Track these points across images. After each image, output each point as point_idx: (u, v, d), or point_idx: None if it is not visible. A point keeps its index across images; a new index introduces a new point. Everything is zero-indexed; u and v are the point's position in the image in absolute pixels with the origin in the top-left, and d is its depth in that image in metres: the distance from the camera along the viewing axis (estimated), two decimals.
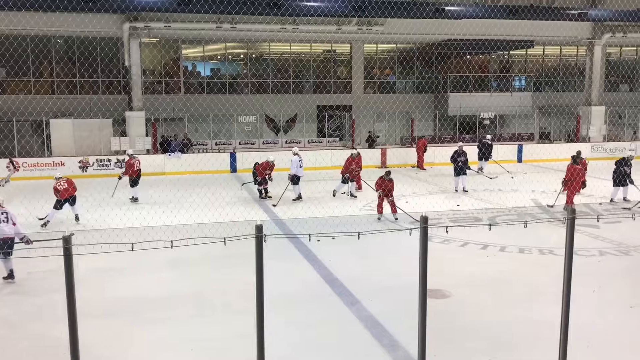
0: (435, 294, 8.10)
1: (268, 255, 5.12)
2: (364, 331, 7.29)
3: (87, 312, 6.40)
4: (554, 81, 31.89)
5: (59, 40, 24.84)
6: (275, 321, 6.47)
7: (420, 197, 16.67)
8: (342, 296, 8.51)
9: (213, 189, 16.76)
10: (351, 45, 28.30)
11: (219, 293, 8.74)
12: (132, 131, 22.74)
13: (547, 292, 8.33)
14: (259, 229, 4.90)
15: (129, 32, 22.23)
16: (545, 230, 11.59)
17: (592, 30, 27.41)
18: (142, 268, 9.60)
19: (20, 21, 20.05)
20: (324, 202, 15.73)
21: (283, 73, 28.21)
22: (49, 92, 24.86)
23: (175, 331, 7.35)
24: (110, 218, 12.79)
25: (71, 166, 21.06)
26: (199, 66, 27.86)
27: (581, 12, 25.55)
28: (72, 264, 4.68)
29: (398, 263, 9.82)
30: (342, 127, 28.57)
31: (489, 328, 7.39)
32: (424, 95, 29.38)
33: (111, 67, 25.65)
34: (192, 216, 13.33)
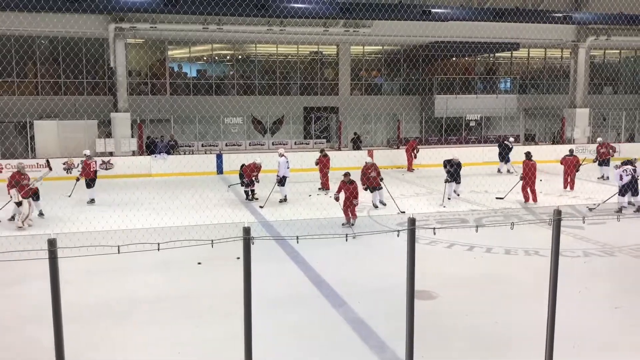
0: (422, 295, 8.13)
1: (256, 258, 5.11)
2: (352, 333, 7.30)
3: (73, 315, 6.35)
4: (539, 83, 32.18)
5: (44, 40, 24.62)
6: (263, 323, 6.45)
7: (408, 199, 16.72)
8: (330, 298, 8.51)
9: (200, 190, 16.68)
10: (338, 46, 28.35)
11: (207, 295, 8.70)
12: (117, 132, 22.59)
13: (533, 293, 8.38)
14: (246, 231, 4.89)
15: (114, 33, 22.08)
16: (531, 231, 11.67)
17: (577, 33, 27.70)
18: (129, 270, 9.53)
19: (4, 21, 19.86)
20: (311, 204, 15.72)
21: (270, 74, 28.19)
22: (34, 93, 24.65)
23: (162, 334, 7.30)
24: (97, 220, 12.67)
25: (56, 168, 20.79)
26: (185, 67, 27.75)
27: (566, 15, 25.81)
28: (57, 267, 4.64)
29: (386, 264, 9.84)
30: (329, 128, 28.60)
31: (476, 329, 7.43)
32: (410, 97, 29.52)
33: (97, 68, 25.46)
34: (179, 218, 13.26)
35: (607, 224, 13.07)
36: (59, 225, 12.81)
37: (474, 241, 11.20)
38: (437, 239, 11.41)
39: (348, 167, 22.78)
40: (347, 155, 24.05)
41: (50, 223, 12.90)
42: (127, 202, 15.66)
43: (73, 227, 12.12)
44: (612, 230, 12.47)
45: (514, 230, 9.31)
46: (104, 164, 21.33)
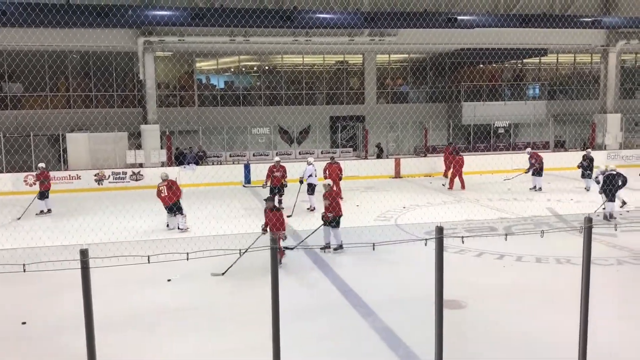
0: (451, 305, 8.05)
1: (283, 267, 5.14)
2: (380, 342, 7.25)
3: (104, 324, 6.45)
4: (568, 89, 31.70)
5: (75, 55, 25.20)
6: (290, 333, 6.46)
7: (435, 207, 16.60)
8: (358, 307, 8.48)
9: (228, 200, 16.83)
10: (363, 56, 28.39)
11: (235, 304, 8.75)
12: (147, 144, 22.95)
13: (565, 302, 8.23)
14: (273, 240, 4.92)
15: (143, 47, 22.51)
16: (562, 239, 11.47)
17: (606, 37, 27.26)
18: (158, 280, 9.64)
19: (38, 37, 20.40)
20: None
21: (296, 85, 28.35)
22: (66, 106, 25.20)
23: (191, 343, 7.36)
24: (127, 230, 12.88)
25: (87, 179, 21.29)
26: (212, 79, 28.09)
27: (595, 19, 25.41)
28: (89, 277, 4.73)
29: (413, 274, 9.77)
30: (356, 137, 28.60)
31: (506, 339, 7.32)
32: (437, 105, 29.36)
33: (126, 81, 25.95)
34: (208, 228, 13.38)
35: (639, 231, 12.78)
36: (90, 236, 13.03)
37: (503, 250, 11.06)
38: (466, 248, 11.29)
39: (373, 176, 22.84)
40: (372, 163, 24.05)
41: (82, 233, 13.14)
42: (157, 212, 15.87)
43: (104, 237, 12.33)
44: None
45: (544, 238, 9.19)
46: (134, 175, 21.68)
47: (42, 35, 20.65)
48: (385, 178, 23.02)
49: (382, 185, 21.08)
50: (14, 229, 13.99)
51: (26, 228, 13.10)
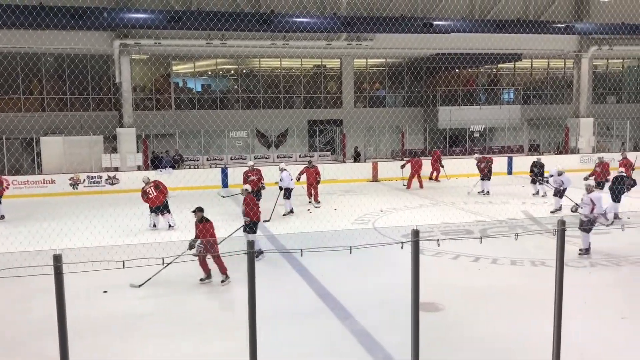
0: (428, 307, 8.10)
1: (260, 271, 5.12)
2: (358, 345, 7.27)
3: (78, 329, 6.35)
4: (542, 94, 32.24)
5: (49, 57, 24.85)
6: (267, 337, 6.44)
7: (412, 210, 16.71)
8: (335, 311, 8.49)
9: (204, 204, 16.69)
10: (341, 60, 28.50)
11: (211, 309, 8.70)
12: (122, 148, 22.70)
13: (539, 304, 8.34)
14: (250, 244, 4.91)
15: (119, 49, 22.28)
16: (537, 242, 11.63)
17: (579, 43, 27.78)
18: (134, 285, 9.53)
19: (10, 39, 20.06)
20: (315, 217, 15.72)
21: (273, 88, 28.33)
22: (39, 109, 24.83)
23: (167, 348, 7.29)
24: (102, 235, 12.71)
25: (62, 183, 20.97)
26: (189, 82, 27.94)
27: (568, 25, 25.89)
28: (62, 282, 4.67)
29: (390, 276, 9.81)
30: (333, 141, 28.67)
31: (482, 340, 7.39)
32: (413, 109, 29.61)
33: (102, 84, 25.66)
34: (184, 232, 13.27)
35: (611, 234, 13.01)
36: (64, 241, 12.82)
37: (479, 252, 11.17)
38: (442, 251, 11.38)
39: (351, 180, 22.89)
40: (350, 167, 24.14)
41: (55, 238, 12.93)
42: (132, 216, 15.71)
43: (78, 242, 12.15)
44: (618, 240, 12.41)
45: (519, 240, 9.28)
46: (110, 179, 21.43)
47: (14, 37, 20.31)
48: (362, 182, 23.10)
49: (359, 189, 21.16)
50: None
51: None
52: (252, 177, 16.07)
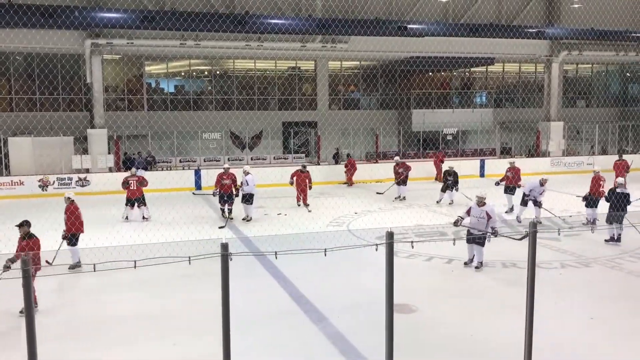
0: (402, 309, 8.13)
1: (234, 274, 5.07)
2: (332, 348, 7.26)
3: (48, 334, 6.22)
4: (514, 97, 32.72)
5: (18, 56, 24.35)
6: (242, 340, 6.39)
7: (386, 213, 16.78)
8: (309, 313, 8.47)
9: (177, 207, 16.54)
10: (316, 62, 28.50)
11: (184, 313, 8.59)
12: (94, 149, 22.34)
13: (511, 305, 8.44)
14: (224, 247, 4.85)
15: (90, 49, 21.93)
16: (509, 244, 11.76)
17: (550, 48, 28.26)
18: (105, 289, 9.38)
19: None
20: (289, 219, 15.68)
21: (248, 90, 28.20)
22: (7, 109, 24.30)
23: (139, 352, 7.18)
24: None
25: (31, 185, 20.53)
26: (162, 83, 27.63)
27: (539, 30, 26.34)
28: (31, 286, 4.56)
29: (365, 278, 9.83)
30: (308, 143, 28.65)
31: (455, 341, 7.44)
32: (388, 112, 29.77)
33: (72, 84, 25.22)
34: (156, 235, 13.10)
35: (581, 236, 13.25)
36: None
37: (452, 254, 11.26)
38: (416, 253, 11.44)
39: (325, 182, 22.90)
40: (325, 169, 24.16)
41: None
42: (103, 219, 15.47)
43: (48, 246, 11.90)
44: (587, 242, 12.64)
45: (491, 243, 9.39)
46: (80, 180, 21.06)
47: None
48: (338, 184, 23.14)
49: (334, 191, 21.17)
50: None
51: None
52: (226, 181, 15.67)
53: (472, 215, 10.56)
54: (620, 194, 12.71)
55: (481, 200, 10.52)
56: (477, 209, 10.49)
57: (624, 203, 12.67)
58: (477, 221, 10.46)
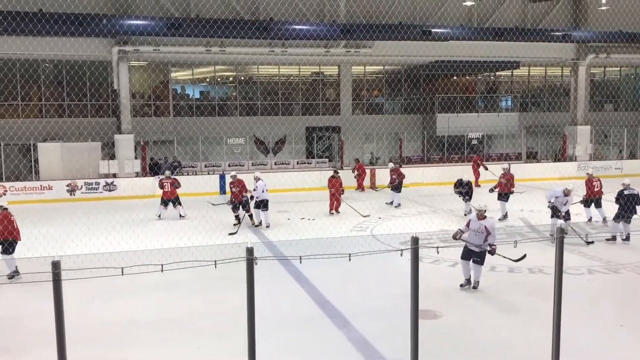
0: (426, 315, 8.10)
1: (259, 278, 5.12)
2: (356, 353, 7.26)
3: (76, 337, 6.34)
4: (539, 101, 32.34)
5: (48, 64, 24.85)
6: (266, 344, 6.43)
7: (411, 218, 16.71)
8: (334, 318, 8.48)
9: (203, 211, 16.72)
10: (339, 67, 28.56)
11: (209, 316, 8.68)
12: (121, 154, 22.68)
13: (538, 311, 8.35)
14: (249, 251, 4.91)
15: (118, 56, 22.30)
16: (535, 249, 11.63)
17: (577, 51, 27.88)
18: (132, 292, 9.52)
19: (10, 46, 20.09)
20: (313, 223, 15.72)
21: (272, 95, 28.37)
22: (38, 115, 24.80)
23: (166, 355, 7.28)
24: (100, 242, 12.69)
25: (59, 190, 20.94)
26: (188, 89, 27.96)
27: (565, 33, 25.99)
28: (61, 289, 4.66)
29: (389, 284, 9.81)
30: (331, 148, 28.69)
31: (481, 348, 7.39)
32: (412, 116, 29.67)
33: (100, 91, 25.65)
34: (183, 239, 13.27)
35: (609, 242, 13.03)
36: (62, 247, 12.82)
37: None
38: (441, 258, 11.38)
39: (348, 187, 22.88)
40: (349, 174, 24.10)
41: (54, 245, 12.91)
42: (131, 223, 15.71)
43: (77, 249, 12.13)
44: (616, 248, 12.43)
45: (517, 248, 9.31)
46: (108, 185, 21.41)
47: (14, 43, 20.31)
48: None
49: (357, 196, 21.16)
50: None
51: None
52: (234, 189, 15.55)
53: (470, 228, 9.65)
54: (630, 195, 12.82)
55: (481, 213, 9.66)
56: (477, 222, 9.60)
57: (634, 203, 12.75)
58: (475, 235, 9.53)
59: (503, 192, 16.21)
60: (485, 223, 9.52)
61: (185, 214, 16.92)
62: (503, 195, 16.20)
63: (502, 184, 16.31)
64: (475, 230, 9.55)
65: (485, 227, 9.47)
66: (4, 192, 20.01)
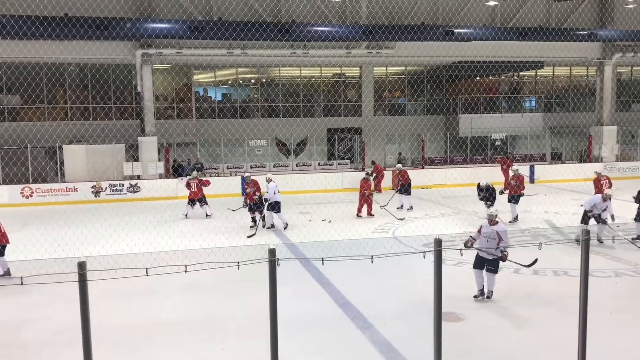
0: (449, 317, 8.03)
1: (280, 279, 5.14)
2: (379, 356, 7.23)
3: (100, 337, 6.42)
4: (564, 101, 31.89)
5: (73, 67, 25.25)
6: (288, 346, 6.45)
7: (433, 219, 16.61)
8: (356, 320, 8.46)
9: (226, 213, 16.82)
10: (361, 68, 28.52)
11: (232, 317, 8.73)
12: (144, 156, 22.95)
13: (562, 314, 8.23)
14: (272, 252, 4.93)
15: (141, 59, 22.57)
16: (560, 251, 11.48)
17: (602, 50, 27.45)
18: (156, 292, 9.62)
19: (37, 50, 20.47)
20: (335, 225, 15.71)
21: (294, 97, 28.45)
22: (63, 118, 25.17)
23: (188, 356, 7.33)
24: (125, 243, 12.85)
25: (84, 191, 21.26)
26: (210, 91, 28.18)
27: (591, 32, 25.61)
28: (86, 290, 4.73)
29: (412, 286, 9.76)
30: (353, 149, 28.66)
31: (504, 350, 7.30)
32: (434, 117, 29.49)
33: (124, 94, 25.98)
34: (206, 240, 13.36)
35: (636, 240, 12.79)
36: (88, 248, 13.01)
37: (501, 262, 11.03)
38: (464, 260, 11.26)
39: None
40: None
41: (79, 246, 13.11)
42: (155, 224, 15.87)
43: (102, 250, 12.30)
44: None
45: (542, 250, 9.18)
46: (131, 187, 21.67)
47: (40, 47, 20.72)
48: (383, 190, 23.04)
49: (379, 197, 21.08)
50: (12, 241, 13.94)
51: (24, 241, 13.06)
52: (248, 190, 15.61)
53: (482, 235, 9.24)
54: None
55: (492, 218, 9.25)
56: (488, 228, 9.18)
57: None
58: (486, 242, 9.12)
59: (514, 195, 15.87)
60: (497, 228, 9.16)
61: (212, 213, 17.30)
62: (514, 197, 15.86)
63: (512, 186, 16.01)
64: (488, 237, 9.15)
65: (497, 233, 9.08)
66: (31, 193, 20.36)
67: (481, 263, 9.18)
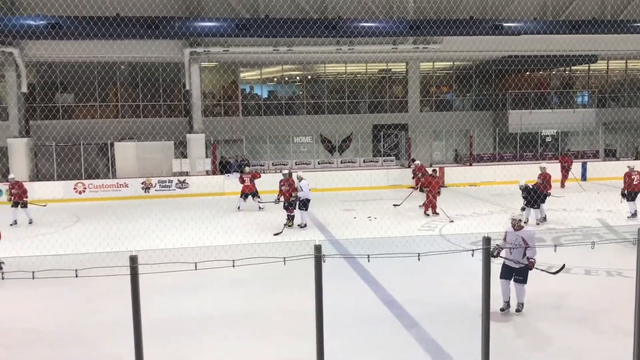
0: (497, 317, 7.90)
1: (325, 276, 5.15)
2: (425, 355, 7.17)
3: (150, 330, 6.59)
4: (619, 96, 30.78)
5: (124, 66, 25.92)
6: (333, 343, 6.46)
7: (482, 217, 16.34)
8: (401, 318, 8.41)
9: (272, 209, 16.97)
10: (407, 63, 28.26)
11: (278, 313, 8.81)
12: (192, 153, 23.38)
13: (615, 316, 7.98)
14: (317, 249, 4.95)
15: (189, 57, 22.97)
16: (613, 251, 11.11)
17: None
18: (203, 287, 9.80)
19: (92, 50, 21.13)
20: (380, 222, 15.64)
21: (339, 93, 28.44)
22: (115, 116, 25.92)
23: (236, 351, 7.44)
24: (175, 237, 13.14)
25: (135, 187, 21.83)
26: (256, 88, 28.46)
27: None
28: (138, 283, 4.86)
29: (459, 285, 9.64)
30: (398, 146, 28.45)
31: (554, 352, 7.13)
32: (483, 113, 28.95)
33: (174, 92, 26.53)
34: (253, 236, 13.52)
35: None
36: (139, 242, 13.36)
37: (551, 261, 10.77)
38: None
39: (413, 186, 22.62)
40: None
41: (131, 239, 13.48)
42: (203, 219, 16.16)
43: (153, 244, 12.61)
44: None
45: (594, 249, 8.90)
46: (180, 183, 22.12)
47: (93, 47, 21.35)
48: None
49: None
50: (66, 234, 14.47)
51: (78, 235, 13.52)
52: (283, 187, 15.58)
53: (507, 241, 8.44)
54: None
55: (516, 222, 8.43)
56: (513, 233, 8.40)
57: None
58: (510, 253, 8.34)
59: (541, 193, 15.01)
60: (522, 234, 8.37)
61: (264, 206, 17.85)
62: (539, 196, 14.97)
63: (538, 185, 15.19)
64: (513, 243, 8.33)
65: (522, 239, 8.29)
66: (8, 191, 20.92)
67: (508, 273, 8.38)
